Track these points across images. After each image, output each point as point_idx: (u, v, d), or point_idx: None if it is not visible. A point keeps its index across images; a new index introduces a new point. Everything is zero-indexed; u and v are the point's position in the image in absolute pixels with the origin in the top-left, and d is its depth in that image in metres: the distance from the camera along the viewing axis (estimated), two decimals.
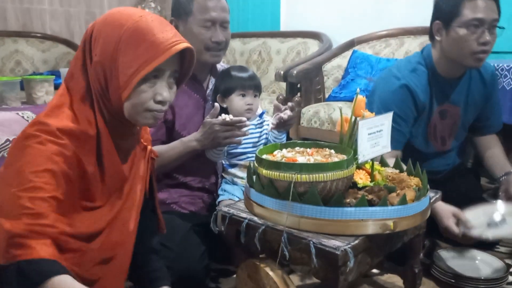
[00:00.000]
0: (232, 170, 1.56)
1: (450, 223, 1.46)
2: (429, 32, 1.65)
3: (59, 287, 0.80)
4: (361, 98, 1.16)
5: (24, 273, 0.80)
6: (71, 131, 0.90)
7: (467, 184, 1.82)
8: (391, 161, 1.33)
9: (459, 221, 1.46)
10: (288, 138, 2.14)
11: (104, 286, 0.99)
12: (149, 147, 1.11)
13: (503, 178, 1.71)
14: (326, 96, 2.92)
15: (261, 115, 1.59)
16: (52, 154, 0.86)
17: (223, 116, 1.39)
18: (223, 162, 1.59)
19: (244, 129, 1.41)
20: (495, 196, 1.71)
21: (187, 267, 1.31)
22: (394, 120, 1.18)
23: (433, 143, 1.73)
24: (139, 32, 0.89)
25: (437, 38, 1.61)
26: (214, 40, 1.49)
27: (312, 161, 1.05)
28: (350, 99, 2.63)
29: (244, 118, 1.40)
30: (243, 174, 1.52)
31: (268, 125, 1.58)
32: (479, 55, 1.53)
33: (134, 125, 0.99)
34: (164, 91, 0.94)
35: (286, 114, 1.44)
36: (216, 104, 1.44)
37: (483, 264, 1.58)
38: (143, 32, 0.89)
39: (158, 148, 1.37)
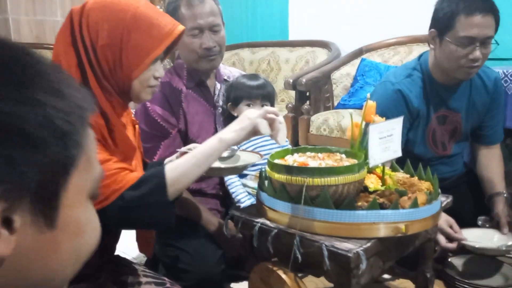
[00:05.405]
0: (243, 181, 1.57)
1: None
2: (428, 38, 1.64)
3: (174, 167, 1.00)
4: (371, 104, 1.18)
5: (146, 190, 0.94)
6: None
7: (474, 191, 1.81)
8: None
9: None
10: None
11: None
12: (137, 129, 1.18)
13: (491, 199, 1.70)
14: (335, 104, 2.94)
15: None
16: None
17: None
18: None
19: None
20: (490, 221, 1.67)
21: (205, 271, 1.33)
22: None
23: (433, 149, 1.72)
24: (144, 17, 0.97)
25: (431, 46, 1.60)
26: (204, 47, 1.48)
27: (323, 165, 1.06)
28: (359, 107, 2.64)
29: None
30: (253, 184, 1.53)
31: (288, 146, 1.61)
32: (468, 70, 1.51)
33: (127, 104, 1.08)
34: (160, 68, 1.04)
35: None
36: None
37: (495, 272, 1.57)
38: (146, 16, 0.98)
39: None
